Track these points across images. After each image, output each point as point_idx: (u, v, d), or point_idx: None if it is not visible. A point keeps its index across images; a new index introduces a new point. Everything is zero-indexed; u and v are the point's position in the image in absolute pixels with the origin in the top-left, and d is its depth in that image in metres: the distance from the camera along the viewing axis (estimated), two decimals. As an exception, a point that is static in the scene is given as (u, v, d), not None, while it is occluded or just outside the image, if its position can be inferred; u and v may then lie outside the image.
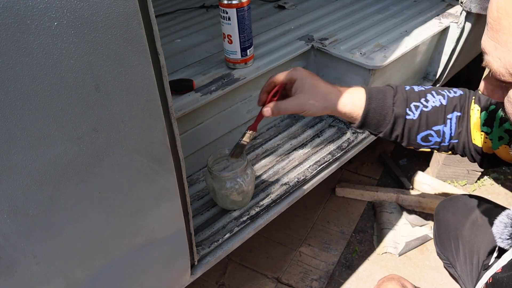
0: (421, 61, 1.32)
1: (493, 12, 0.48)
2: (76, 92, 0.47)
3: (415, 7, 1.36)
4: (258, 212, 0.96)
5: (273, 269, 1.32)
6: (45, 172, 0.49)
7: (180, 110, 0.90)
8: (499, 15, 0.46)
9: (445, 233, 1.06)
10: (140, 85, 0.53)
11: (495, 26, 0.47)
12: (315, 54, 1.16)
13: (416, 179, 1.57)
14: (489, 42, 0.49)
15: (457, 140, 0.78)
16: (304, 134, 1.17)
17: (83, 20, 0.44)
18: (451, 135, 0.78)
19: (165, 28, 1.25)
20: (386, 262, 1.35)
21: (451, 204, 1.08)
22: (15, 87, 0.42)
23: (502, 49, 0.47)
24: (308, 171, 1.06)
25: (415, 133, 0.78)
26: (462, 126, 0.77)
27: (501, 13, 0.46)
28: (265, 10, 1.35)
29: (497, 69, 0.49)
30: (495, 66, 0.49)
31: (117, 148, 0.55)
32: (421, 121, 0.77)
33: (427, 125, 0.77)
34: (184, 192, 0.71)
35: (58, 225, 0.54)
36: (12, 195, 0.47)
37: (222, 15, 0.97)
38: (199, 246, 0.87)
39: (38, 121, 0.45)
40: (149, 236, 0.68)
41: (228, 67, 1.05)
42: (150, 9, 0.51)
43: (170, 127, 0.62)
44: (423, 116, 0.77)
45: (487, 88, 0.55)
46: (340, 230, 1.44)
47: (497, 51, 0.48)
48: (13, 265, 0.51)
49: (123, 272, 0.69)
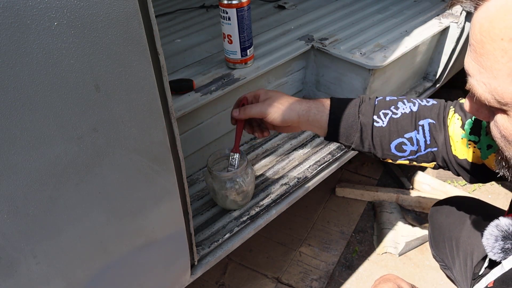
0: (421, 61, 1.32)
1: (476, 34, 0.44)
2: (76, 92, 0.47)
3: (415, 7, 1.36)
4: (258, 212, 0.96)
5: (273, 269, 1.32)
6: (45, 172, 0.49)
7: (180, 110, 0.90)
8: (483, 39, 0.43)
9: (440, 235, 1.06)
10: (140, 85, 0.53)
11: (478, 50, 0.44)
12: (315, 54, 1.16)
13: (416, 179, 1.57)
14: (472, 64, 0.46)
15: (436, 148, 0.74)
16: (304, 134, 1.17)
17: (83, 20, 0.44)
18: (427, 142, 0.74)
19: (165, 28, 1.25)
20: (386, 262, 1.35)
21: (445, 206, 1.09)
22: (15, 87, 0.42)
23: (487, 74, 0.44)
24: (308, 171, 1.06)
25: (388, 142, 0.76)
26: (438, 134, 0.74)
27: (485, 37, 0.43)
28: (265, 10, 1.35)
29: (482, 94, 0.46)
30: (480, 91, 0.46)
31: (117, 148, 0.55)
32: (391, 128, 0.75)
33: (398, 132, 0.75)
34: (184, 192, 0.71)
35: (58, 225, 0.54)
36: (12, 195, 0.47)
37: (222, 15, 0.97)
38: (199, 246, 0.87)
39: (38, 121, 0.45)
40: (149, 236, 0.68)
41: (228, 67, 1.05)
42: (150, 9, 0.51)
43: (170, 127, 0.62)
44: (393, 123, 0.75)
45: (472, 107, 0.52)
46: (340, 230, 1.44)
47: (481, 76, 0.45)
48: (13, 265, 0.51)
49: (123, 272, 0.69)
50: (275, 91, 0.82)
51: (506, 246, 0.61)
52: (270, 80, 1.11)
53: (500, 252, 0.61)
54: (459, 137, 0.72)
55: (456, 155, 0.73)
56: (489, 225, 0.63)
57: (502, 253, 0.62)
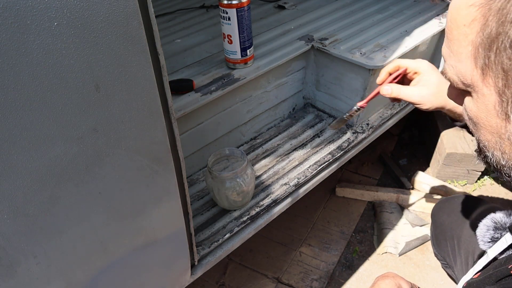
0: (421, 61, 1.32)
1: (447, 21, 0.49)
2: (76, 92, 0.47)
3: (415, 7, 1.36)
4: (258, 212, 0.96)
5: (273, 269, 1.32)
6: (45, 172, 0.49)
7: (180, 110, 0.90)
8: (451, 25, 0.47)
9: (441, 234, 1.06)
10: (140, 85, 0.53)
11: (449, 35, 0.48)
12: (315, 54, 1.16)
13: (416, 179, 1.57)
14: (445, 49, 0.50)
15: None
16: (304, 134, 1.17)
17: (83, 20, 0.44)
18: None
19: (165, 28, 1.25)
20: (386, 262, 1.35)
21: (447, 205, 1.09)
22: (15, 87, 0.42)
23: (454, 57, 0.48)
24: (308, 171, 1.06)
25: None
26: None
27: (453, 23, 0.47)
28: (265, 10, 1.35)
29: (451, 77, 0.50)
30: (449, 74, 0.50)
31: (117, 148, 0.54)
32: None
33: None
34: (184, 192, 0.71)
35: (58, 225, 0.54)
36: (12, 195, 0.47)
37: (222, 15, 0.97)
38: (199, 246, 0.87)
39: (38, 121, 0.45)
40: (149, 236, 0.68)
41: (228, 67, 1.05)
42: (150, 9, 0.51)
43: (170, 127, 0.62)
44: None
45: (451, 93, 0.56)
46: (340, 230, 1.44)
47: (450, 59, 0.49)
48: (13, 265, 0.51)
49: (123, 272, 0.69)
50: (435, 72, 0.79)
51: (496, 236, 0.62)
52: (270, 80, 1.11)
53: (489, 241, 0.62)
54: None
55: None
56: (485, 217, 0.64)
57: (491, 242, 0.62)
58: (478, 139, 0.52)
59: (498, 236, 0.62)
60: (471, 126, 0.52)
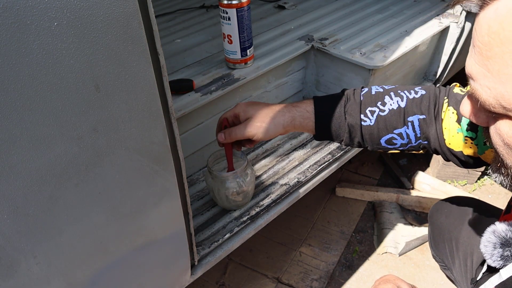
0: (421, 61, 1.32)
1: (483, 36, 0.41)
2: (76, 92, 0.47)
3: (415, 7, 1.36)
4: (258, 212, 0.96)
5: (273, 269, 1.32)
6: (45, 172, 0.49)
7: (180, 110, 0.90)
8: (491, 41, 0.40)
9: (439, 235, 1.06)
10: (140, 85, 0.53)
11: (485, 53, 0.41)
12: (315, 54, 1.16)
13: (416, 179, 1.57)
14: (476, 68, 0.43)
15: (426, 141, 0.74)
16: (304, 134, 1.17)
17: (83, 20, 0.44)
18: (417, 135, 0.74)
19: (165, 28, 1.25)
20: (386, 262, 1.35)
21: (444, 206, 1.08)
22: (15, 87, 0.42)
23: (493, 79, 0.41)
24: (308, 171, 1.06)
25: (377, 138, 0.75)
26: (429, 129, 0.73)
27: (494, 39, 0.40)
28: (265, 10, 1.35)
29: (487, 100, 0.44)
30: (484, 96, 0.44)
31: (117, 148, 0.54)
32: (379, 126, 0.74)
33: (386, 129, 0.74)
34: (184, 192, 0.71)
35: (58, 225, 0.54)
36: (12, 195, 0.47)
37: (222, 15, 0.97)
38: (199, 246, 0.87)
39: (38, 121, 0.45)
40: (149, 236, 0.68)
41: (228, 67, 1.05)
42: (150, 9, 0.51)
43: (170, 127, 0.62)
44: (381, 121, 0.74)
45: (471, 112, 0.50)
46: (340, 230, 1.44)
47: (486, 80, 0.42)
48: (13, 265, 0.51)
49: (123, 272, 0.69)
50: (253, 104, 0.80)
51: (506, 254, 0.59)
52: (270, 80, 1.11)
53: (499, 260, 0.60)
54: (455, 131, 0.72)
55: (451, 148, 0.73)
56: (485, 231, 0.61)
57: (501, 260, 0.60)
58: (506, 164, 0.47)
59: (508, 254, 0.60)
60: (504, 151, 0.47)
